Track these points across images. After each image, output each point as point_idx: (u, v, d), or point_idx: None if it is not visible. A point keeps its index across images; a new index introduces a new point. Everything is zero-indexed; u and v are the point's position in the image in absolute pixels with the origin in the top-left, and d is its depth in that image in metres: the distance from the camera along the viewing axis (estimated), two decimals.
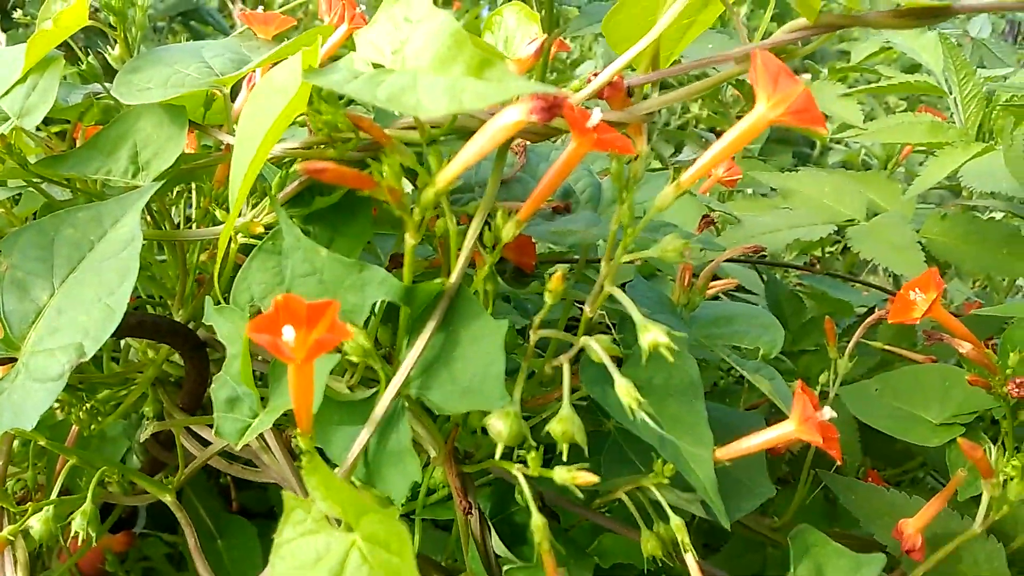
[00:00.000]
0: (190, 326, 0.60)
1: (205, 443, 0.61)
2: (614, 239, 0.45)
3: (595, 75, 0.45)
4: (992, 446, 0.62)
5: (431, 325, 0.44)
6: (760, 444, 0.45)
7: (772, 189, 0.89)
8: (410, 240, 0.40)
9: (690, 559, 0.46)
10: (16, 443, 0.63)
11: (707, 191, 0.89)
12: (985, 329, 0.88)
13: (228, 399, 0.46)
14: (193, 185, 0.65)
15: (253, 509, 0.77)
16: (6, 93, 0.55)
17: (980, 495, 0.59)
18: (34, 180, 0.52)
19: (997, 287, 0.96)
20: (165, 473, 0.70)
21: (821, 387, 0.69)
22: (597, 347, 0.43)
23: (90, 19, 0.54)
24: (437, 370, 0.44)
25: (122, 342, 0.70)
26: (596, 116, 0.40)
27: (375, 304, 0.43)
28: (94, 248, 0.48)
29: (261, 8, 0.64)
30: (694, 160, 0.43)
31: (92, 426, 0.62)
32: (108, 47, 0.59)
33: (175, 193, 0.61)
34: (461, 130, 0.47)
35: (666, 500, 0.48)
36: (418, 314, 0.45)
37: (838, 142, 1.38)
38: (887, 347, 0.83)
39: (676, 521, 0.46)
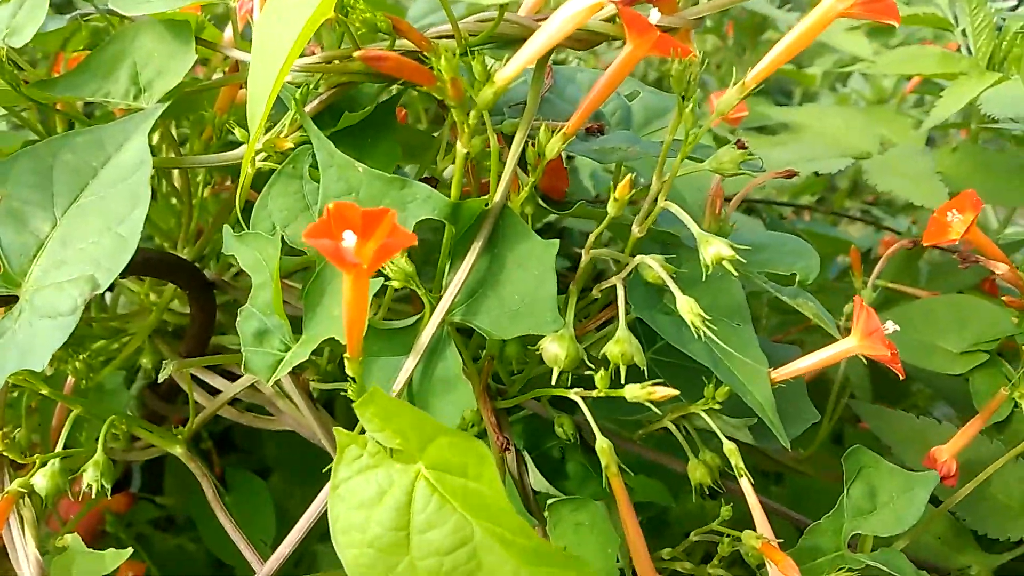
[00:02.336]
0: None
1: (213, 392, 0.58)
2: (667, 151, 0.42)
3: None
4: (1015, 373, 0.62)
5: (477, 246, 0.41)
6: (819, 362, 0.44)
7: (784, 126, 0.88)
8: (463, 149, 0.37)
9: (745, 484, 0.44)
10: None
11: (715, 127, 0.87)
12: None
13: (257, 332, 0.42)
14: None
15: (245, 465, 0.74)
16: None
17: (1002, 420, 0.59)
18: (24, 107, 0.47)
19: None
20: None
21: (845, 320, 0.68)
22: (656, 265, 0.41)
23: None
24: (484, 294, 0.42)
25: (113, 291, 0.66)
26: (655, 16, 0.37)
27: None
28: (97, 175, 0.44)
29: None
30: None
31: (90, 377, 0.58)
32: None
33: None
34: (500, 38, 0.44)
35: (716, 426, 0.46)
36: (461, 235, 0.42)
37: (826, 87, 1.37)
38: (891, 284, 0.83)
39: (729, 446, 0.45)
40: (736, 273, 0.40)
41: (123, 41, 0.49)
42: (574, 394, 0.41)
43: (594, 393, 0.40)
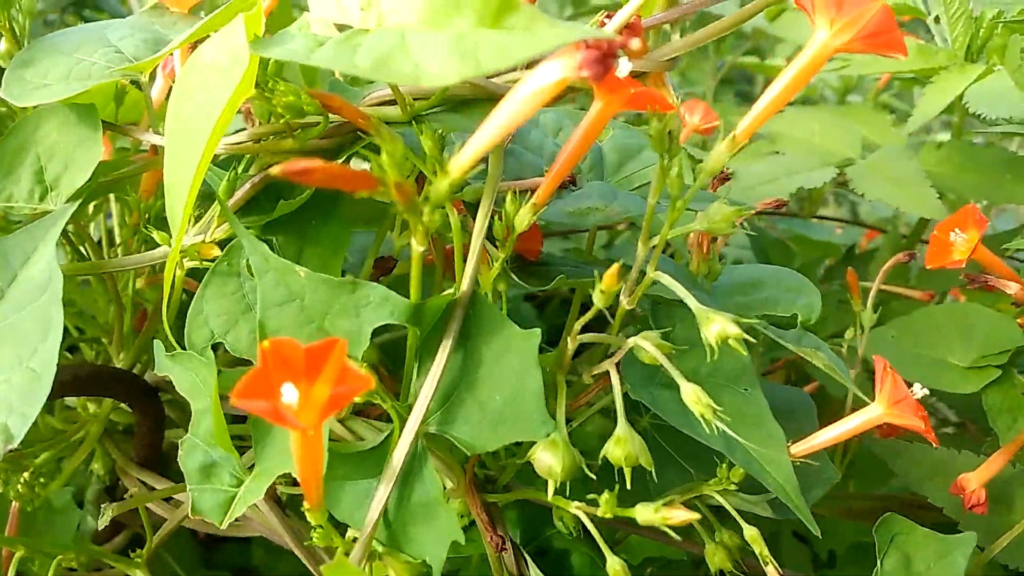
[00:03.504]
0: (135, 370, 0.50)
1: (176, 503, 0.52)
2: (652, 214, 0.37)
3: (608, 17, 0.37)
4: None
5: (447, 345, 0.36)
6: (843, 434, 0.40)
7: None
8: (418, 247, 0.31)
9: (772, 572, 0.40)
10: None
11: (684, 141, 0.82)
12: None
13: (202, 467, 0.37)
14: (113, 197, 0.55)
15: (233, 563, 0.67)
16: None
17: None
18: None
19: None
20: (128, 536, 0.60)
21: (848, 343, 0.63)
22: (651, 347, 0.36)
23: None
24: (460, 398, 0.36)
25: None
26: (624, 66, 0.32)
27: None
28: (4, 297, 0.38)
29: None
30: None
31: (34, 499, 0.52)
32: None
33: (92, 208, 0.50)
34: (451, 100, 0.38)
35: (731, 505, 0.42)
36: (427, 333, 0.37)
37: None
38: (884, 287, 0.79)
39: (751, 532, 0.40)
40: (745, 352, 0.35)
41: (23, 132, 0.43)
42: (576, 509, 0.35)
43: (599, 512, 0.34)
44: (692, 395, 0.35)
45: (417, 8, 0.29)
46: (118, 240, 0.51)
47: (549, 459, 0.35)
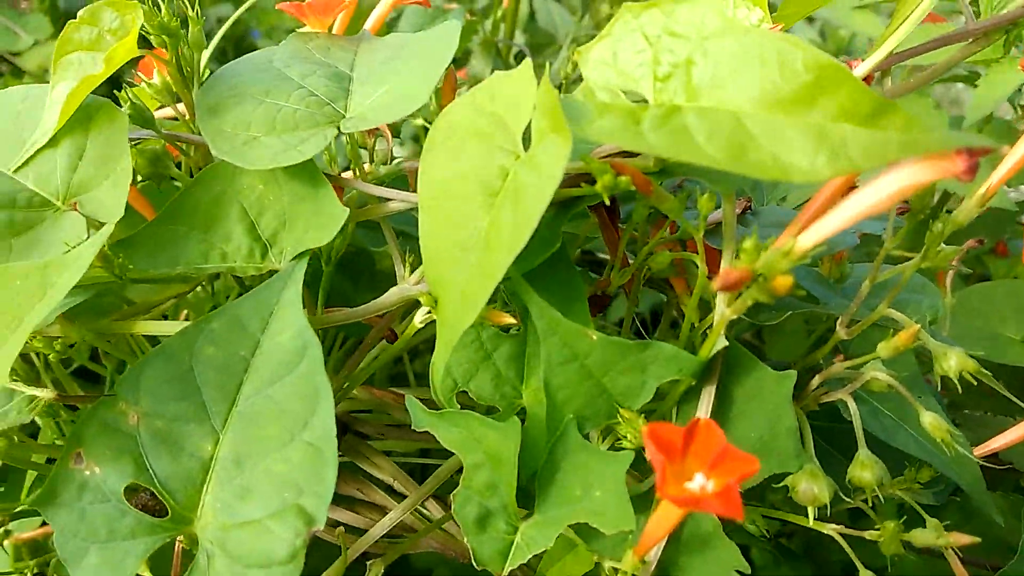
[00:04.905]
0: None
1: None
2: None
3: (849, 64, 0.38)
4: None
5: (710, 391, 0.38)
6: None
7: None
8: (728, 313, 0.33)
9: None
10: None
11: None
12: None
13: (478, 518, 0.38)
14: None
15: None
16: (25, 164, 0.40)
17: None
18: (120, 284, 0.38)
19: None
20: None
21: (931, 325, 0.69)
22: (886, 378, 0.40)
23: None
24: None
25: None
26: None
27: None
28: (250, 367, 0.37)
29: None
30: None
31: None
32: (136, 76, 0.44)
33: None
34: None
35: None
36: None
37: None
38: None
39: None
40: (974, 381, 0.39)
41: (216, 183, 0.41)
42: (831, 530, 0.39)
43: (868, 535, 0.38)
44: (933, 422, 0.39)
45: (750, 94, 0.30)
46: None
47: (812, 488, 0.38)
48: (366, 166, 0.47)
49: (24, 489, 0.56)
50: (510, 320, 0.36)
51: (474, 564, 0.38)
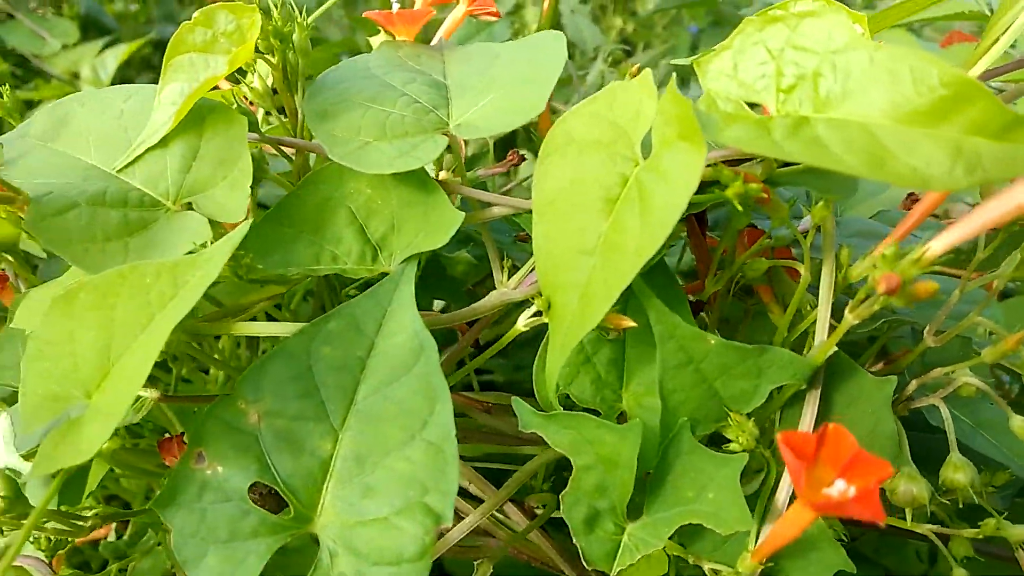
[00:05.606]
0: None
1: None
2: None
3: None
4: None
5: (815, 395, 0.39)
6: None
7: None
8: (851, 319, 0.34)
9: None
10: None
11: None
12: None
13: (586, 519, 0.38)
14: None
15: None
16: (130, 164, 0.40)
17: None
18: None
19: None
20: None
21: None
22: (976, 382, 0.41)
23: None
24: None
25: None
26: None
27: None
28: (366, 367, 0.37)
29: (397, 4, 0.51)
30: None
31: None
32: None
33: None
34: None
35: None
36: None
37: None
38: None
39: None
40: None
41: (323, 187, 0.41)
42: (926, 530, 0.40)
43: (967, 533, 0.39)
44: (1021, 426, 0.40)
45: (880, 106, 0.31)
46: None
47: (911, 489, 0.39)
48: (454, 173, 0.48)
49: (84, 492, 0.55)
50: (630, 323, 0.37)
51: (584, 564, 0.38)
